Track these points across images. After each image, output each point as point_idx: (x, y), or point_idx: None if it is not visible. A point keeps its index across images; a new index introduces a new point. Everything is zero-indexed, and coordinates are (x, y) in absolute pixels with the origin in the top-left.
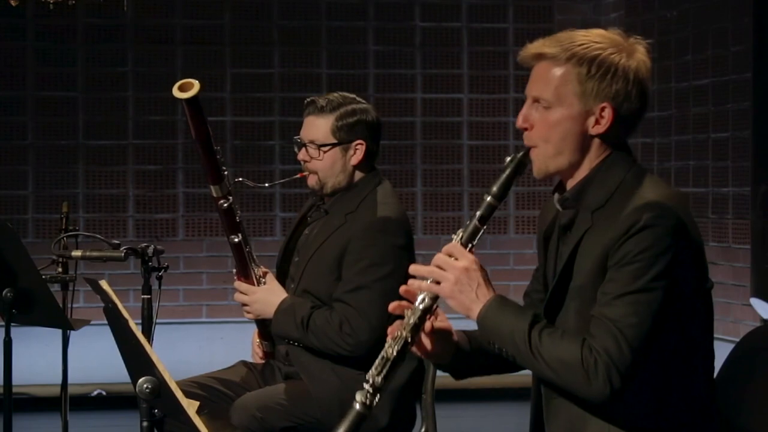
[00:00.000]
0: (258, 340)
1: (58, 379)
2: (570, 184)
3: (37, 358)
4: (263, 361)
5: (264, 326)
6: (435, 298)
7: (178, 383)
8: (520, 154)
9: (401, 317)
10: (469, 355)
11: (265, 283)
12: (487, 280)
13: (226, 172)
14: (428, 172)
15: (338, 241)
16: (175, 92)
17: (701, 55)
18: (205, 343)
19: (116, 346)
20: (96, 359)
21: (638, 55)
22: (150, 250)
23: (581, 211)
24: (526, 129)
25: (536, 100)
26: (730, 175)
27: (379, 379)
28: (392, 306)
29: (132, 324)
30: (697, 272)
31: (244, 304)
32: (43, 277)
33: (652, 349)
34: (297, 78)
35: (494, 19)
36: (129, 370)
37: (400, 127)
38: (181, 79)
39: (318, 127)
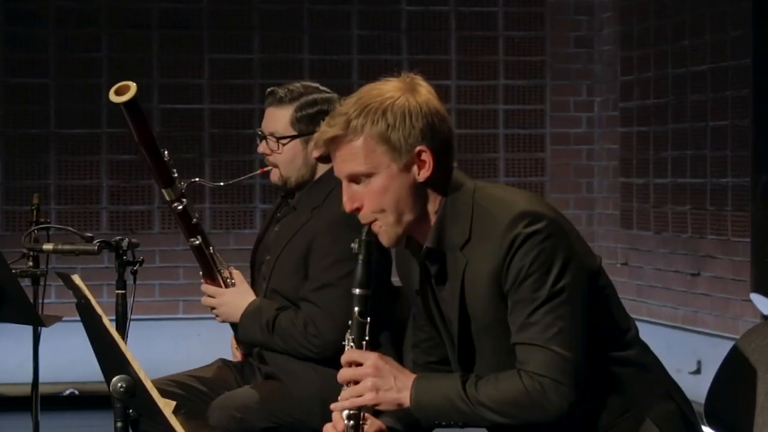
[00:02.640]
0: (236, 344)
1: (29, 378)
2: (422, 235)
3: (6, 356)
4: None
5: (237, 329)
6: (358, 414)
7: (154, 382)
8: (363, 235)
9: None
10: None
11: (233, 284)
12: (400, 367)
13: (176, 174)
14: None
15: (304, 237)
16: (112, 97)
17: (699, 40)
18: (182, 340)
19: (89, 343)
20: (68, 357)
21: (421, 89)
22: (124, 244)
23: (448, 253)
24: (357, 210)
25: (354, 180)
26: (729, 165)
27: None
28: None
29: (106, 320)
30: (584, 258)
31: (213, 308)
32: (13, 271)
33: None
34: (278, 64)
35: (483, 3)
36: (102, 369)
37: None
38: (156, 65)
39: (277, 118)
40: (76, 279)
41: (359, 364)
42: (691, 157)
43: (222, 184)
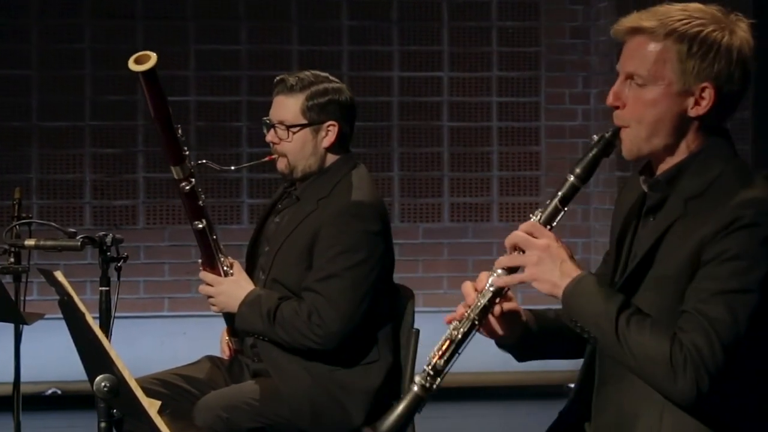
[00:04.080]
0: (227, 338)
1: (10, 377)
2: (662, 167)
3: None
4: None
5: (232, 321)
6: (501, 289)
7: (138, 381)
8: (609, 133)
9: (374, 304)
10: (536, 336)
11: (232, 275)
12: (573, 258)
13: (187, 152)
14: (406, 155)
15: (309, 227)
16: (131, 65)
17: None
18: (167, 339)
19: (72, 341)
20: (50, 355)
21: (740, 32)
22: (108, 239)
23: (673, 196)
24: (617, 107)
25: (629, 77)
26: None
27: (441, 362)
28: (448, 318)
29: (89, 318)
30: None
31: (210, 296)
32: None
33: (742, 355)
34: (266, 55)
35: None
36: (86, 367)
37: (376, 107)
38: None
39: (287, 107)
40: (59, 275)
41: (536, 238)
42: None
43: (232, 168)
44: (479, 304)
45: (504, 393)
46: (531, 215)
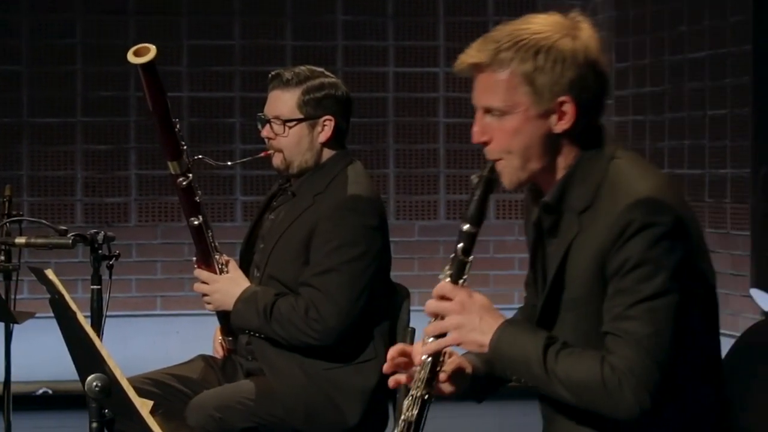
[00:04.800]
0: (220, 337)
1: (0, 377)
2: (547, 186)
3: None
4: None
5: (226, 320)
6: (438, 353)
7: (131, 380)
8: (486, 171)
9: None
10: (486, 378)
11: (227, 272)
12: (489, 308)
13: (185, 147)
14: (401, 152)
15: (306, 222)
16: (131, 58)
17: (697, 26)
18: (160, 338)
19: (63, 340)
20: (41, 355)
21: (583, 33)
22: (100, 237)
23: (566, 213)
24: (485, 143)
25: (488, 111)
26: (728, 156)
27: None
28: (391, 382)
29: (80, 317)
30: (703, 268)
31: (205, 295)
32: None
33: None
34: (259, 50)
35: None
36: (77, 367)
37: (371, 103)
38: None
39: (283, 101)
40: (50, 274)
41: (449, 300)
42: (689, 147)
43: (229, 163)
44: (421, 377)
45: (499, 393)
46: (440, 275)
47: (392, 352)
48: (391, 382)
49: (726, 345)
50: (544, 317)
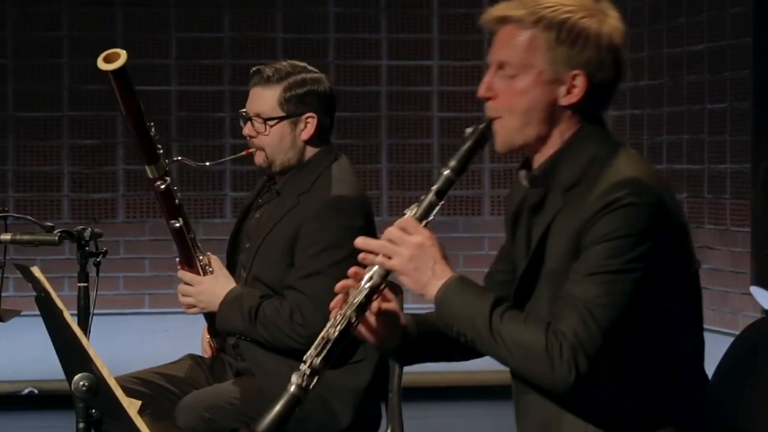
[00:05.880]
0: (208, 336)
1: None
2: (538, 160)
3: None
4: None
5: (212, 320)
6: (384, 276)
7: (118, 380)
8: (482, 125)
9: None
10: (417, 340)
11: (212, 272)
12: (445, 258)
13: (161, 151)
14: (394, 147)
15: (290, 223)
16: (100, 64)
17: (696, 18)
18: (148, 336)
19: (49, 339)
20: (27, 354)
21: (611, 20)
22: (87, 234)
23: (552, 190)
24: (489, 98)
25: (500, 67)
26: (727, 151)
27: (317, 361)
28: (338, 286)
29: (67, 315)
30: (681, 255)
31: (187, 296)
32: None
33: (632, 340)
34: (249, 43)
35: None
36: (63, 366)
37: (364, 97)
38: (121, 44)
39: (264, 99)
40: (36, 271)
41: (410, 235)
42: (688, 141)
43: (207, 164)
44: (355, 301)
45: (495, 392)
46: (406, 210)
47: (350, 272)
48: (338, 287)
49: (726, 343)
50: (521, 290)
